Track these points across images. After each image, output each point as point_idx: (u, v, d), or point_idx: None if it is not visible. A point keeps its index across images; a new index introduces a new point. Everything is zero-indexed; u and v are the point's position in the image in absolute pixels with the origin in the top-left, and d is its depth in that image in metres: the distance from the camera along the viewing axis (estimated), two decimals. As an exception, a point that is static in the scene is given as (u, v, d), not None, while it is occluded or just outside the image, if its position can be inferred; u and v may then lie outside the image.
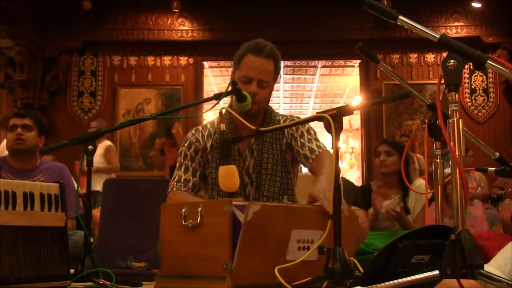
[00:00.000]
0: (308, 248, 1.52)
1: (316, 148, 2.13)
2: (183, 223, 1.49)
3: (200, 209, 1.47)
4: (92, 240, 1.77)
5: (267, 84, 2.14)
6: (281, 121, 2.23)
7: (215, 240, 1.42)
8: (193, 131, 2.22)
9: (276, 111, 2.31)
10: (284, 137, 2.19)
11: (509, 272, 1.58)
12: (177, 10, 6.71)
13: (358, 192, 3.69)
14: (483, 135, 6.47)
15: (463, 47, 1.20)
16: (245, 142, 2.15)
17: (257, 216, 1.41)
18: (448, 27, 6.80)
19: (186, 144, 2.20)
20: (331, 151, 2.11)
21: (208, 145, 2.18)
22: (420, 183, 3.42)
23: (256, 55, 2.12)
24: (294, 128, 2.19)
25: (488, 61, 1.19)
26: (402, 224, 3.33)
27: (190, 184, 2.13)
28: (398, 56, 6.89)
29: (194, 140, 2.19)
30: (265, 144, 2.15)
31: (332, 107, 1.50)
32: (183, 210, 1.50)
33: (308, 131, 2.20)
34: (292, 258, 1.48)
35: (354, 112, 1.52)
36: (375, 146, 3.73)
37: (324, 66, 8.78)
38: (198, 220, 1.46)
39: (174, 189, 2.13)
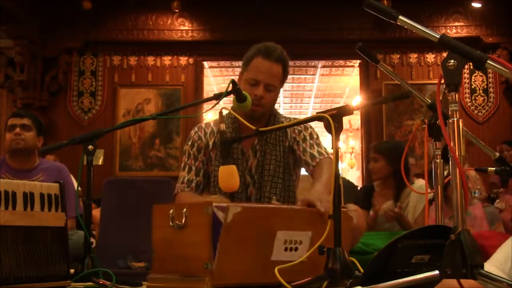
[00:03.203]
0: (297, 249, 1.54)
1: (317, 155, 2.13)
2: (171, 224, 1.52)
3: (184, 210, 1.49)
4: (92, 240, 1.77)
5: (274, 88, 2.14)
6: (285, 123, 2.23)
7: (197, 240, 1.45)
8: (196, 129, 2.24)
9: (279, 113, 2.32)
10: (287, 140, 2.19)
11: (509, 270, 1.58)
12: (177, 10, 6.70)
13: (360, 192, 3.68)
14: (483, 135, 6.46)
15: (463, 47, 1.20)
16: (249, 143, 2.15)
17: (237, 218, 1.44)
18: (448, 27, 6.79)
19: (189, 143, 2.21)
20: (332, 156, 2.13)
21: (211, 142, 2.18)
22: (421, 183, 3.40)
23: (265, 59, 2.11)
24: (297, 131, 2.20)
25: (488, 61, 1.19)
26: (402, 225, 3.31)
27: (194, 184, 2.14)
28: (398, 56, 6.89)
29: (196, 139, 2.20)
30: (268, 145, 2.15)
31: (332, 107, 1.50)
32: (171, 211, 1.53)
33: (310, 135, 2.20)
34: (277, 258, 1.50)
35: (354, 112, 1.53)
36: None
37: (324, 66, 8.77)
38: (183, 221, 1.49)
39: (179, 190, 2.15)
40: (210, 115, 8.61)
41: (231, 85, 1.89)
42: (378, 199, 3.50)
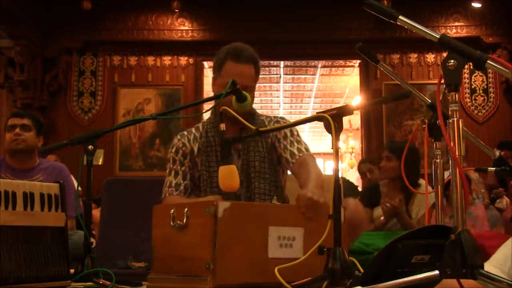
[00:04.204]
0: (291, 245, 1.55)
1: (296, 152, 2.12)
2: (171, 224, 1.52)
3: (186, 210, 1.49)
4: (92, 240, 1.77)
5: (251, 88, 2.12)
6: (266, 122, 2.22)
7: (199, 240, 1.46)
8: (179, 137, 2.23)
9: (257, 111, 2.29)
10: (269, 137, 2.19)
11: (509, 270, 1.58)
12: (177, 10, 6.70)
13: (365, 191, 3.66)
14: (483, 135, 6.46)
15: (463, 47, 1.20)
16: None
17: (228, 214, 1.45)
18: (448, 27, 6.79)
19: (173, 150, 2.20)
20: (312, 153, 2.13)
21: (195, 148, 2.18)
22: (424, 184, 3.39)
23: (236, 61, 2.10)
24: None
25: (488, 61, 1.19)
26: (401, 223, 3.31)
27: (182, 187, 2.14)
28: (398, 56, 6.88)
29: (181, 145, 2.20)
30: (251, 143, 2.14)
31: (332, 107, 1.50)
32: (172, 211, 1.53)
33: (291, 131, 2.18)
34: (274, 255, 1.51)
35: (354, 112, 1.53)
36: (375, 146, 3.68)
37: (324, 66, 8.77)
38: (184, 221, 1.50)
39: (167, 195, 2.15)
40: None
41: (231, 85, 1.89)
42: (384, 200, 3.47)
